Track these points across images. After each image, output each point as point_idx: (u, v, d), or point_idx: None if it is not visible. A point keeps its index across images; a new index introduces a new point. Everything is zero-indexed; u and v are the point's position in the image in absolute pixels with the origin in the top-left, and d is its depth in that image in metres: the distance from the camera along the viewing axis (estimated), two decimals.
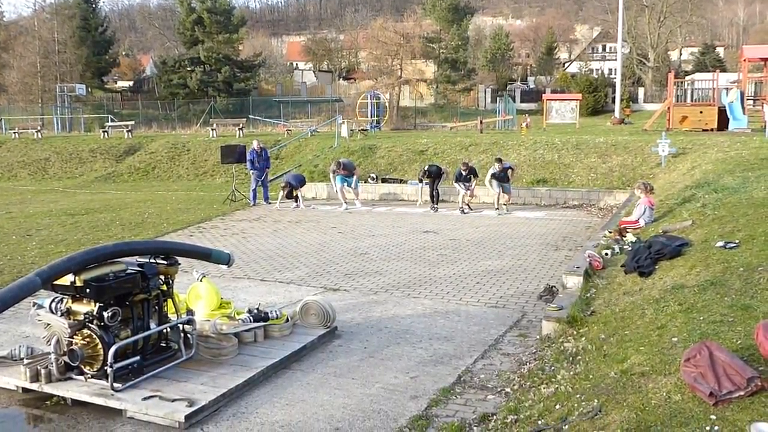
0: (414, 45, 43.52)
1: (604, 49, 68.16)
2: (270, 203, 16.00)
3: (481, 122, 28.68)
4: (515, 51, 63.66)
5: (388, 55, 43.57)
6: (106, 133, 30.02)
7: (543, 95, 37.13)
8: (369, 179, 17.98)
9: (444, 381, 4.81)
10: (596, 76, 50.29)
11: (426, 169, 15.25)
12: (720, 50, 61.50)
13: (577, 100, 31.14)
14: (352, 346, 5.61)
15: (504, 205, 14.16)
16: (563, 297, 6.26)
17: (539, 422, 3.70)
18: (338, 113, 33.04)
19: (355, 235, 11.48)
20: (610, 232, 8.68)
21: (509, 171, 14.32)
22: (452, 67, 48.60)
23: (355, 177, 15.64)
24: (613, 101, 35.18)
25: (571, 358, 4.68)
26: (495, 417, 4.12)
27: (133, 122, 32.66)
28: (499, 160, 14.33)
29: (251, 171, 16.33)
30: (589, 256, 7.28)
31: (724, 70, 33.06)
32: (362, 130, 26.50)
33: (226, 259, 5.75)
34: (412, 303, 7.03)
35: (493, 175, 14.00)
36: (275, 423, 4.17)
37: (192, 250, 5.66)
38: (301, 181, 16.09)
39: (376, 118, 31.43)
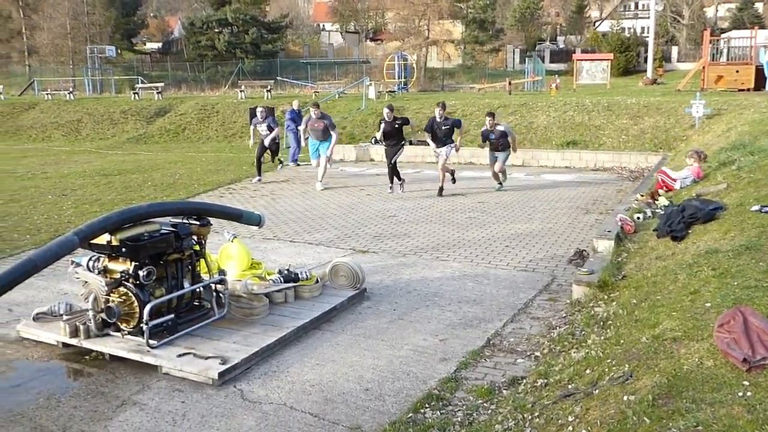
0: (441, 5, 42.77)
1: (636, 6, 66.12)
2: (298, 164, 16.03)
3: (509, 83, 28.21)
4: (544, 10, 62.06)
5: (415, 16, 42.93)
6: (136, 95, 30.23)
7: (573, 55, 36.34)
8: None
9: (473, 344, 4.83)
10: (628, 35, 48.86)
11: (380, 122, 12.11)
12: (759, 6, 59.10)
13: (608, 60, 30.42)
14: (381, 308, 5.66)
15: (499, 182, 11.93)
16: (594, 261, 6.21)
17: (569, 386, 3.71)
18: (365, 75, 32.76)
19: (383, 198, 11.47)
20: (642, 196, 8.55)
21: (506, 138, 11.62)
22: (480, 27, 47.69)
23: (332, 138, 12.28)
24: (646, 61, 34.28)
25: (601, 323, 4.66)
26: (524, 380, 4.14)
27: (162, 84, 32.81)
28: (491, 115, 11.84)
29: (290, 131, 16.43)
30: (620, 220, 7.19)
31: (762, 27, 31.82)
32: (389, 91, 26.29)
33: (256, 221, 5.81)
34: (441, 266, 7.04)
35: (483, 135, 11.85)
36: (306, 382, 4.25)
37: (223, 211, 5.71)
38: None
39: (403, 80, 31.09)
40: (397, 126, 11.72)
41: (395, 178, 11.95)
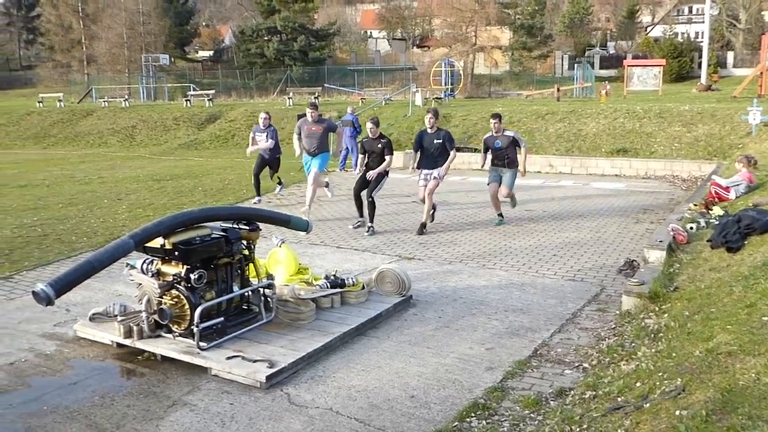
0: (489, 11, 42.50)
1: (690, 11, 64.40)
2: (347, 171, 16.08)
3: (558, 90, 27.87)
4: (594, 15, 61.09)
5: (463, 22, 42.75)
6: (188, 102, 30.97)
7: (624, 61, 35.61)
8: None
9: (520, 354, 4.78)
10: (681, 40, 47.67)
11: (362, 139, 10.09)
12: None
13: (660, 65, 29.71)
14: (426, 316, 5.66)
15: (500, 214, 9.52)
16: (644, 271, 6.08)
17: (619, 399, 3.64)
18: (412, 81, 32.80)
19: None
20: (696, 205, 8.33)
21: (515, 146, 9.34)
22: (528, 33, 47.20)
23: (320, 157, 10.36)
24: (700, 66, 33.38)
25: (652, 335, 4.56)
26: (572, 392, 4.08)
27: (213, 91, 33.55)
28: (496, 117, 9.38)
29: (347, 138, 16.59)
30: (672, 230, 7.03)
31: None
32: (436, 98, 26.26)
33: (304, 226, 5.89)
34: (487, 274, 6.99)
35: (485, 144, 9.58)
36: (352, 387, 4.27)
37: (272, 217, 5.80)
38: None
39: (450, 86, 31.03)
40: (380, 146, 9.22)
41: (368, 215, 9.17)
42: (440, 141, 9.14)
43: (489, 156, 9.48)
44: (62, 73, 51.61)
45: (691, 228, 7.28)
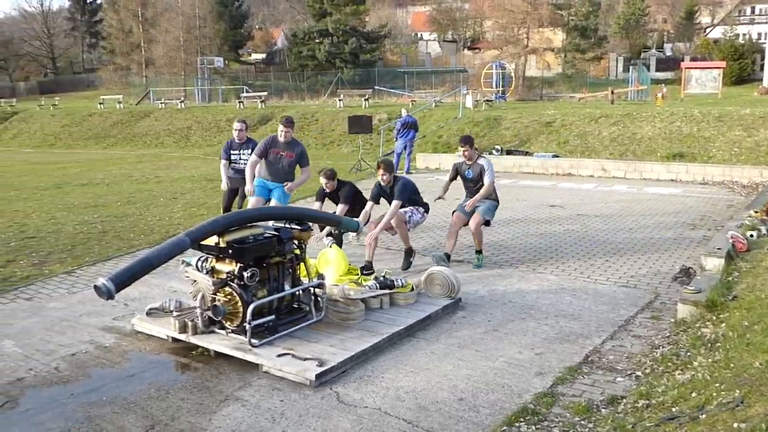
0: (542, 12, 41.95)
1: (752, 11, 62.23)
2: (410, 173, 15.95)
3: (612, 92, 27.34)
4: (651, 16, 59.53)
5: (515, 24, 42.33)
6: (241, 104, 31.60)
7: (681, 63, 34.69)
8: (493, 151, 17.72)
9: (570, 360, 4.72)
10: (742, 42, 46.06)
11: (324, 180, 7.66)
12: None
13: (720, 68, 28.86)
14: (476, 319, 5.63)
15: (477, 254, 7.42)
16: (701, 279, 5.91)
17: (673, 409, 3.56)
18: (462, 84, 32.67)
19: None
20: (756, 212, 8.07)
21: (480, 169, 7.52)
22: (582, 34, 46.35)
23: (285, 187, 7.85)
24: (762, 69, 32.23)
25: (709, 345, 4.43)
26: (624, 400, 4.01)
27: (265, 93, 34.15)
28: (466, 141, 7.50)
29: (401, 140, 16.41)
30: (731, 237, 6.82)
31: None
32: (487, 100, 26.11)
33: (355, 227, 5.94)
34: (538, 278, 6.91)
35: (453, 170, 7.91)
36: (400, 388, 4.29)
37: (323, 217, 5.87)
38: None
39: (501, 89, 30.80)
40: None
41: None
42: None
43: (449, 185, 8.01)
44: (122, 76, 53.34)
45: (752, 235, 7.05)
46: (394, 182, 7.43)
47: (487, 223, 7.55)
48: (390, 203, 7.42)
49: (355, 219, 6.11)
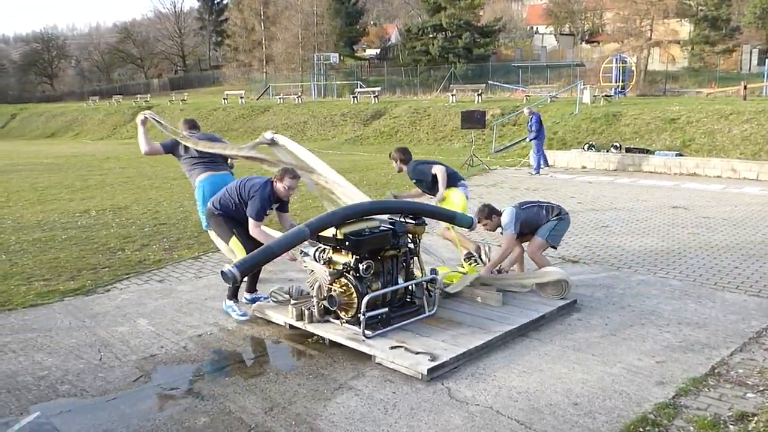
0: (668, 3, 39.60)
1: None
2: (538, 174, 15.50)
3: (744, 87, 25.42)
4: None
5: (637, 15, 40.23)
6: (355, 99, 32.23)
7: None
8: (612, 148, 17.05)
9: (695, 370, 4.47)
10: None
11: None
12: None
13: None
14: (592, 322, 5.45)
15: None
16: None
17: None
18: (579, 78, 31.60)
19: (595, 207, 11.02)
20: None
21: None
22: (711, 25, 43.44)
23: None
24: None
25: None
26: (756, 418, 3.74)
27: (379, 88, 34.62)
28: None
29: (533, 139, 15.80)
30: None
31: None
32: (606, 96, 25.10)
33: (468, 223, 5.90)
34: (659, 283, 6.59)
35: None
36: (512, 388, 4.24)
37: (438, 212, 5.87)
38: None
39: (621, 83, 29.48)
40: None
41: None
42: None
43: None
44: (244, 72, 55.92)
45: None
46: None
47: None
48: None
49: (469, 215, 6.07)
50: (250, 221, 5.37)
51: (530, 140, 15.73)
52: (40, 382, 4.40)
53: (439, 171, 6.77)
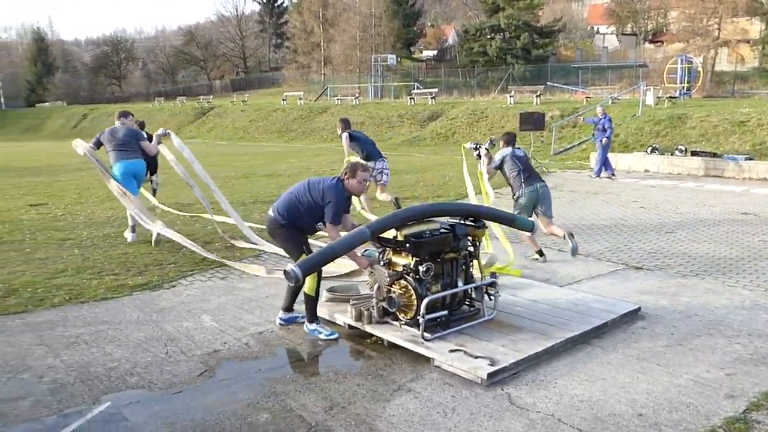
0: (737, 0, 38.16)
1: None
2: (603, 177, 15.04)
3: None
4: None
5: (704, 14, 38.85)
6: (412, 100, 32.26)
7: None
8: (676, 152, 16.53)
9: (767, 384, 4.29)
10: None
11: None
12: None
13: None
14: (656, 330, 5.30)
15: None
16: None
17: None
18: (642, 79, 30.77)
19: (659, 212, 10.71)
20: None
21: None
22: None
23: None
24: None
25: None
26: None
27: (436, 90, 34.58)
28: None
29: (598, 140, 15.44)
30: None
31: None
32: (670, 97, 24.37)
33: (529, 227, 5.84)
34: (728, 292, 6.35)
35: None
36: (574, 396, 4.16)
37: (497, 215, 5.82)
38: None
39: (686, 84, 28.57)
40: None
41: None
42: None
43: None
44: (303, 74, 56.77)
45: None
46: None
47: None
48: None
49: (531, 219, 5.99)
50: (329, 225, 5.17)
51: (602, 140, 15.17)
52: (111, 373, 4.57)
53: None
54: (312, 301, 5.26)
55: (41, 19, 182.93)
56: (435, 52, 63.48)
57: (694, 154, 16.40)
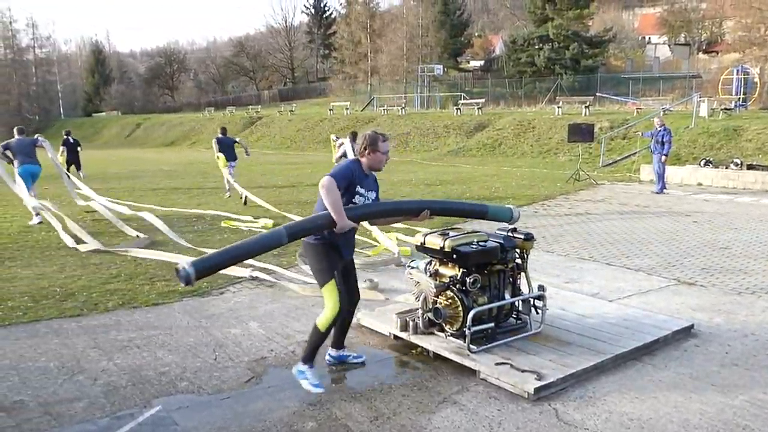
0: None
1: None
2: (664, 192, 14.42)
3: None
4: None
5: (762, 23, 37.73)
6: (458, 110, 32.18)
7: None
8: (732, 165, 16.05)
9: None
10: None
11: None
12: None
13: None
14: (710, 349, 5.15)
15: None
16: None
17: None
18: (695, 90, 30.03)
19: (713, 226, 10.41)
20: None
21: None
22: None
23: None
24: None
25: None
26: None
27: (483, 100, 34.44)
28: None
29: (655, 154, 14.75)
30: None
31: None
32: (725, 109, 23.69)
33: (507, 216, 5.31)
34: None
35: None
36: (624, 414, 4.07)
37: (465, 209, 5.50)
38: None
39: (742, 96, 27.74)
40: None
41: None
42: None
43: None
44: (349, 84, 57.28)
45: None
46: None
47: None
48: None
49: (507, 206, 5.58)
50: (326, 177, 4.28)
51: (660, 156, 14.55)
52: (161, 378, 4.68)
53: None
54: (319, 339, 4.50)
55: (99, 32, 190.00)
56: (482, 62, 63.25)
57: (750, 167, 15.90)
